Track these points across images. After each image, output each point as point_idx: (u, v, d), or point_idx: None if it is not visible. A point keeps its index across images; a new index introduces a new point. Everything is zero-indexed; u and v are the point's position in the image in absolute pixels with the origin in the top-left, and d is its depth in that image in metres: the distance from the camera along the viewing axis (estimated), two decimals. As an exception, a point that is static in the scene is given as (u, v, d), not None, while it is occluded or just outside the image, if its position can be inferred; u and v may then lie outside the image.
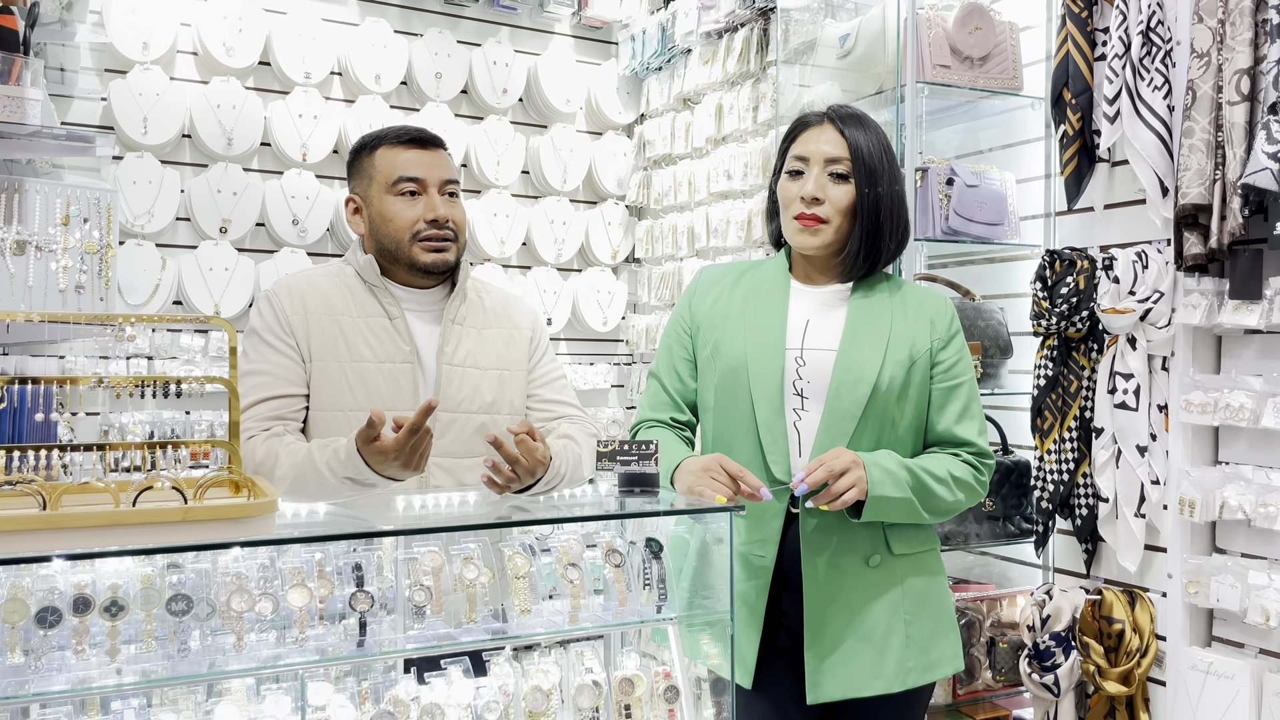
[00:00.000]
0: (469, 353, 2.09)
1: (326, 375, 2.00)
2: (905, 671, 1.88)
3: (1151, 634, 2.63)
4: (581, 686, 1.68)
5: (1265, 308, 2.33)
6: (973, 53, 2.95)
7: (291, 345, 2.01)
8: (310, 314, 2.02)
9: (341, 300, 2.05)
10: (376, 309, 2.06)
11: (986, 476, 1.94)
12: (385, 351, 2.03)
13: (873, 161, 1.89)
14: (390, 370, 2.03)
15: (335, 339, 2.02)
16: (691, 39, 4.14)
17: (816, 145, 1.92)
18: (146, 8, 3.73)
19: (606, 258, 4.65)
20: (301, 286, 2.06)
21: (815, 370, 1.89)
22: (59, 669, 1.35)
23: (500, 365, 2.13)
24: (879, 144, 1.91)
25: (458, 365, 2.07)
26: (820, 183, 1.90)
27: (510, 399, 2.14)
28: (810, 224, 1.90)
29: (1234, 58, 2.31)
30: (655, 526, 1.77)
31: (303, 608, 1.46)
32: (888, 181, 1.91)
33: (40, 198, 2.38)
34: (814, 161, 1.91)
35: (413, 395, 2.03)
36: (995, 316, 2.99)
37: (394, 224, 2.05)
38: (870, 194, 1.89)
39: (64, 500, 1.33)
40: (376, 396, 2.00)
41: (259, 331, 2.02)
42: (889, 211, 1.91)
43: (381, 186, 2.06)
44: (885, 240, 1.92)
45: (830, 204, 1.90)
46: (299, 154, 3.97)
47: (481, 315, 2.15)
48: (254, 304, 2.07)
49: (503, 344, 2.15)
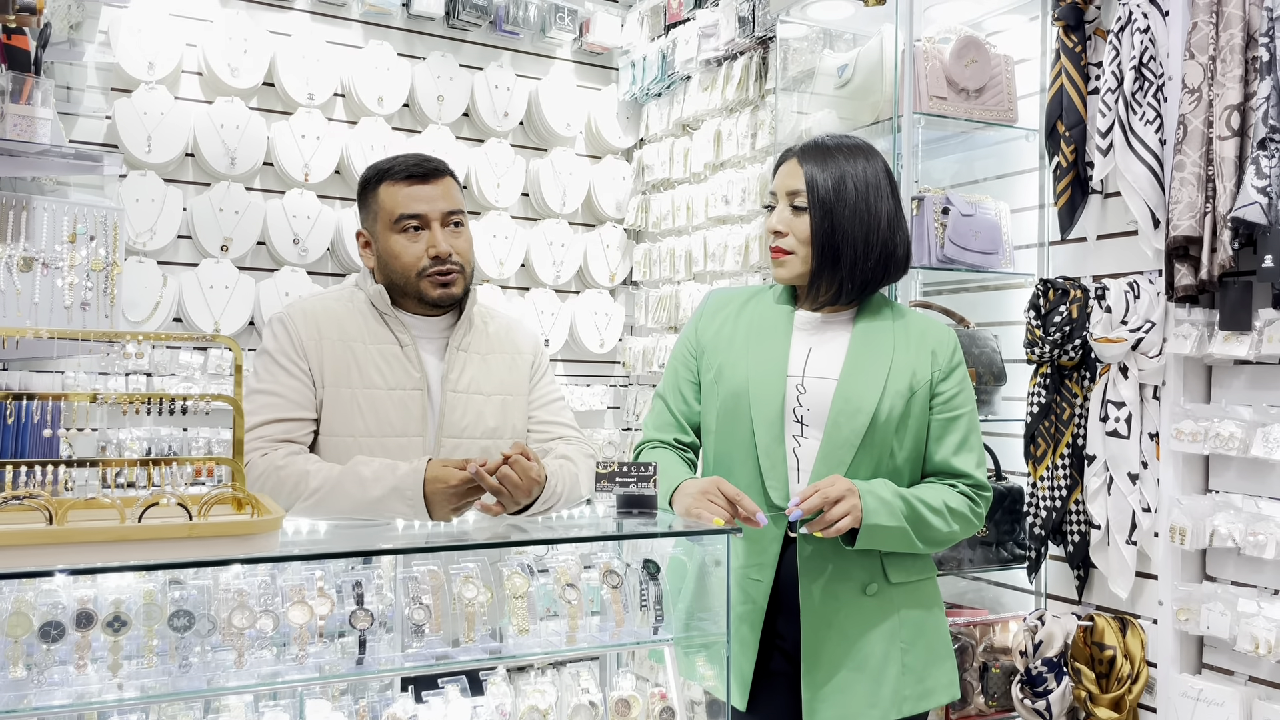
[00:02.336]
0: (472, 379, 2.11)
1: (339, 401, 2.02)
2: (901, 700, 1.89)
3: (1142, 660, 2.65)
4: (578, 707, 1.69)
5: (1255, 339, 2.37)
6: (969, 85, 3.00)
7: (304, 369, 2.02)
8: (325, 339, 2.04)
9: (355, 326, 2.07)
10: (388, 336, 2.07)
11: (983, 509, 1.95)
12: (396, 378, 2.05)
13: (827, 193, 1.90)
14: (401, 397, 2.04)
15: (348, 365, 2.03)
16: (691, 66, 4.19)
17: (781, 179, 1.98)
18: (153, 28, 3.77)
19: (604, 280, 4.68)
20: (316, 311, 2.07)
21: (815, 398, 1.91)
22: (60, 683, 1.36)
23: (503, 391, 2.15)
24: (840, 174, 1.91)
25: (461, 392, 2.09)
26: (783, 216, 1.95)
27: (513, 424, 2.16)
28: (777, 255, 1.96)
29: (1225, 94, 2.36)
30: (653, 548, 1.78)
31: (303, 625, 1.48)
32: (850, 210, 1.90)
33: (48, 215, 2.40)
34: (780, 195, 1.97)
35: (420, 422, 2.04)
36: (989, 344, 3.02)
37: (400, 261, 2.06)
38: (825, 224, 1.90)
39: (70, 515, 1.34)
40: (386, 423, 2.02)
41: (272, 353, 2.03)
42: (850, 240, 1.90)
43: (385, 224, 2.07)
44: (848, 268, 1.91)
45: (793, 235, 1.94)
46: (301, 174, 4.00)
47: (485, 341, 2.17)
48: (268, 326, 2.08)
49: (505, 369, 2.17)
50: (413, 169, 2.08)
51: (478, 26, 4.41)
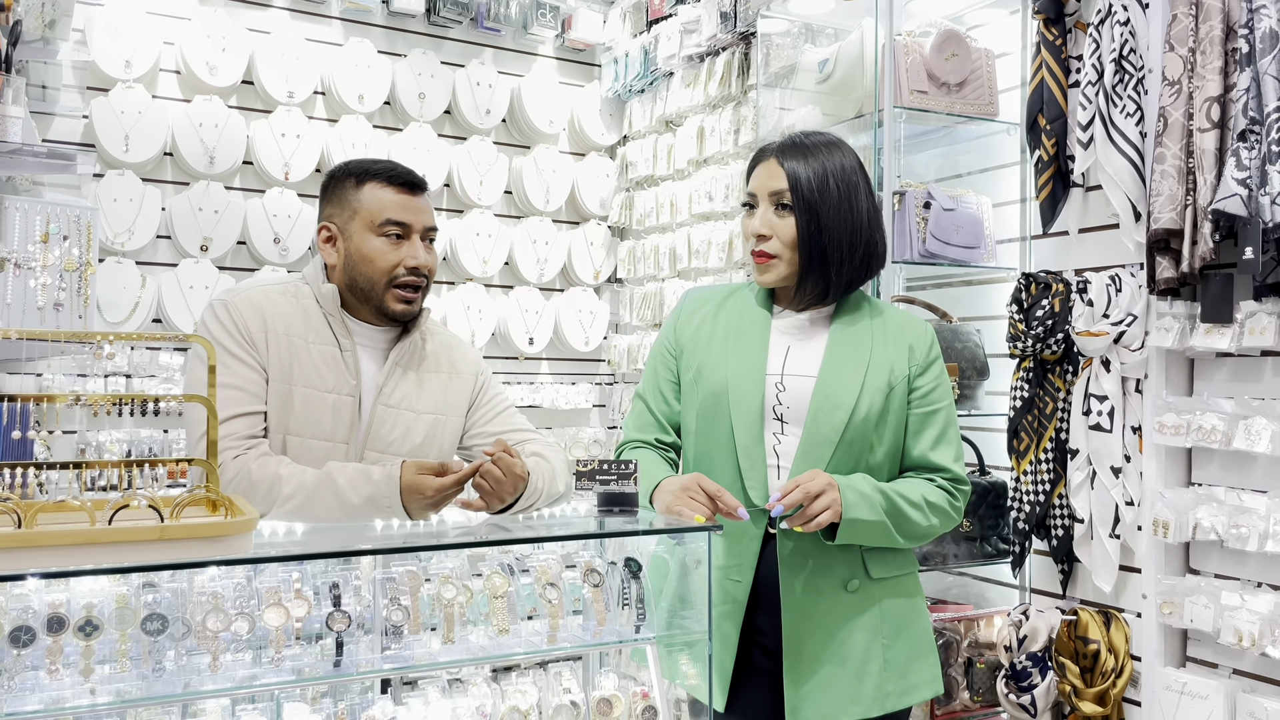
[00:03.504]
0: (405, 395, 2.06)
1: (277, 396, 1.96)
2: (883, 696, 1.88)
3: (1126, 654, 2.65)
4: (559, 707, 1.68)
5: (1236, 331, 2.37)
6: (949, 79, 3.00)
7: (256, 359, 1.96)
8: (270, 332, 1.97)
9: (299, 323, 2.01)
10: (329, 338, 2.02)
11: (962, 502, 1.94)
12: (332, 382, 1.99)
13: (812, 193, 1.87)
14: (334, 401, 1.99)
15: (290, 361, 1.97)
16: (674, 62, 4.18)
17: (760, 180, 1.94)
18: (129, 26, 3.73)
19: (589, 278, 4.66)
20: (260, 302, 2.00)
21: (795, 396, 1.90)
22: (32, 689, 1.35)
23: (435, 410, 2.10)
24: (822, 172, 1.88)
25: (393, 407, 2.04)
26: (766, 218, 1.91)
27: (440, 444, 2.11)
28: (762, 260, 1.92)
29: (1205, 85, 2.36)
30: (634, 546, 1.77)
31: (279, 627, 1.46)
32: (834, 210, 1.88)
33: (20, 215, 2.37)
34: (761, 196, 1.93)
35: (349, 428, 2.00)
36: (972, 338, 3.01)
37: (374, 265, 2.01)
38: (812, 225, 1.87)
39: (39, 519, 1.32)
40: (317, 424, 1.97)
41: (221, 342, 1.95)
42: (836, 241, 1.88)
43: (365, 224, 2.03)
44: (835, 268, 1.90)
45: (777, 238, 1.90)
46: (281, 173, 3.98)
47: (423, 359, 2.12)
48: (209, 309, 1.98)
49: (441, 389, 2.12)
50: (405, 177, 2.06)
51: (459, 23, 4.38)
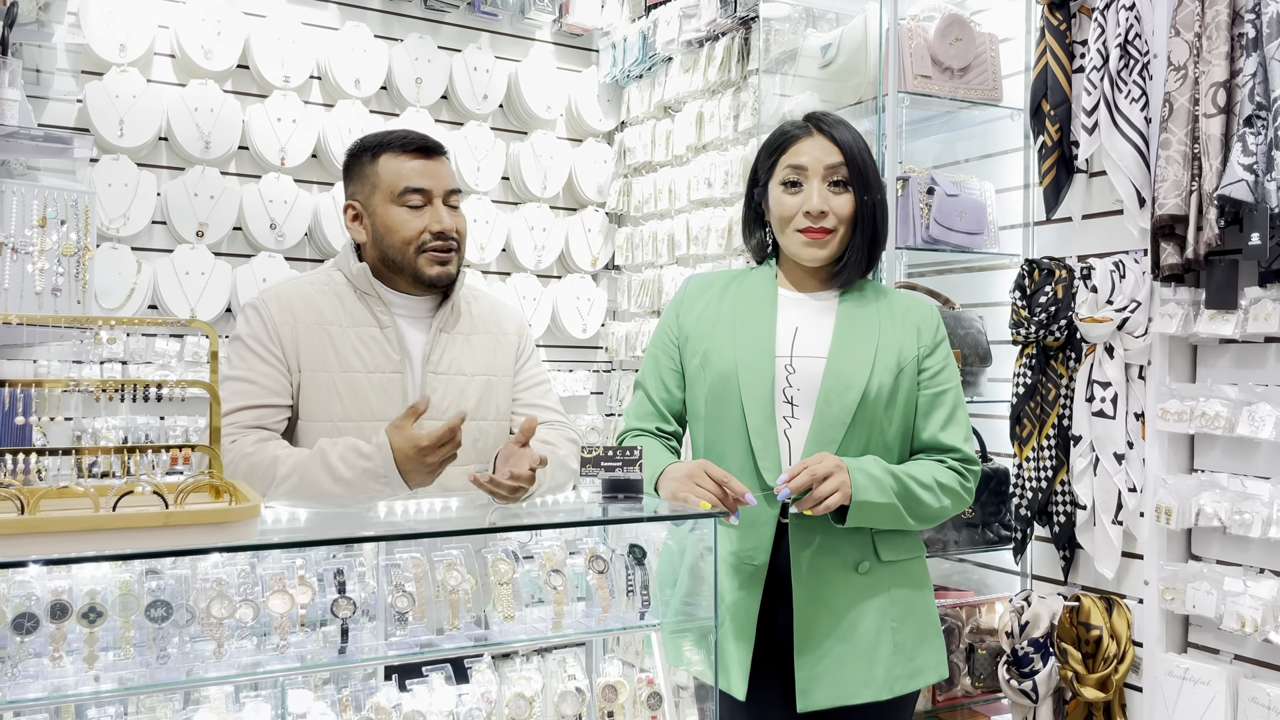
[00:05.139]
0: (454, 360, 2.08)
1: (316, 385, 1.99)
2: (893, 679, 1.88)
3: (1128, 640, 2.65)
4: (564, 693, 1.67)
5: (1240, 317, 2.36)
6: (953, 64, 2.98)
7: (279, 356, 1.99)
8: (299, 324, 2.00)
9: (331, 309, 2.03)
10: (367, 318, 2.04)
11: (972, 483, 1.95)
12: (375, 361, 2.02)
13: (865, 167, 1.91)
14: (380, 380, 2.02)
15: (325, 349, 2.00)
16: (673, 47, 4.15)
17: (813, 155, 1.90)
18: (124, 9, 3.70)
19: (586, 264, 4.64)
20: (290, 296, 2.03)
21: (805, 378, 1.89)
22: (35, 676, 1.33)
23: (486, 371, 2.13)
24: (865, 147, 1.93)
25: (442, 373, 2.06)
26: (823, 194, 1.90)
27: (496, 404, 2.13)
28: (819, 237, 1.90)
29: (1210, 71, 2.34)
30: (639, 533, 1.76)
31: (283, 614, 1.45)
32: (878, 184, 1.93)
33: (17, 199, 2.34)
34: (813, 172, 1.90)
35: (401, 404, 2.01)
36: (974, 325, 3.01)
37: (399, 234, 2.02)
38: (869, 200, 1.91)
39: (43, 505, 1.31)
40: (366, 406, 1.99)
41: (245, 339, 2.00)
42: (884, 213, 1.94)
43: (385, 196, 2.03)
44: (880, 246, 1.96)
45: (834, 214, 1.90)
46: (277, 158, 3.94)
47: (469, 322, 2.14)
48: (241, 312, 2.05)
49: (489, 351, 2.15)
50: (419, 143, 2.06)
51: (456, 8, 4.35)
